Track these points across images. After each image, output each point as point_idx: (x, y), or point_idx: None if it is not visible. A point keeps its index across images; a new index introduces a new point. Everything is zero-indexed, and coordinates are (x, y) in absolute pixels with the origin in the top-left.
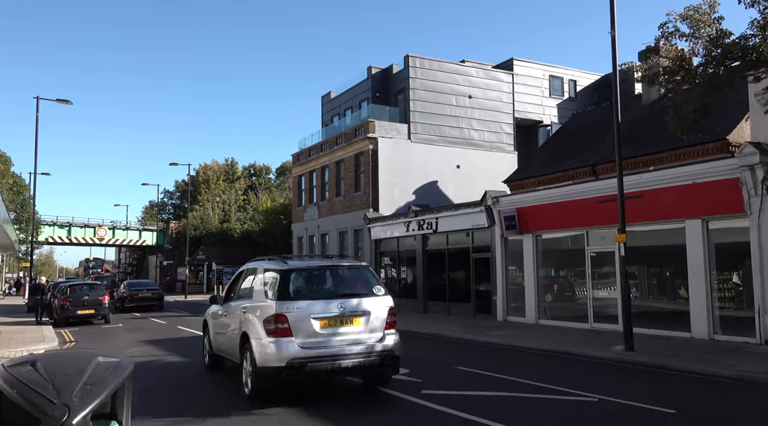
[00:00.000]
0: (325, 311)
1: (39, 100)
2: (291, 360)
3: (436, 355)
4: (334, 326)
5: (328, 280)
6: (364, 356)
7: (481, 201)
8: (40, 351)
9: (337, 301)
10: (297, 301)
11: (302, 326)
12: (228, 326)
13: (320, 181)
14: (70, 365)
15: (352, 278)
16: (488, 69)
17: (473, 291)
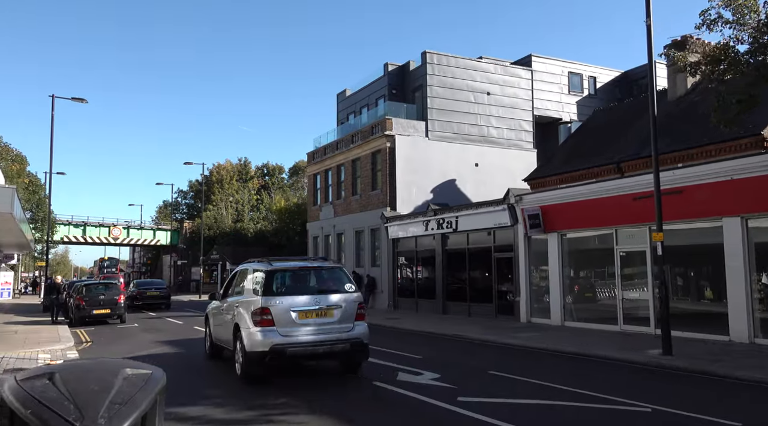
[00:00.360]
0: (303, 305)
1: (54, 98)
2: (273, 346)
3: (464, 359)
4: (311, 318)
5: (307, 279)
6: (336, 343)
7: (504, 199)
8: (56, 351)
9: (314, 297)
10: (279, 296)
11: (283, 317)
12: (224, 319)
13: (336, 180)
14: (94, 379)
15: (327, 277)
16: (507, 65)
17: (495, 291)
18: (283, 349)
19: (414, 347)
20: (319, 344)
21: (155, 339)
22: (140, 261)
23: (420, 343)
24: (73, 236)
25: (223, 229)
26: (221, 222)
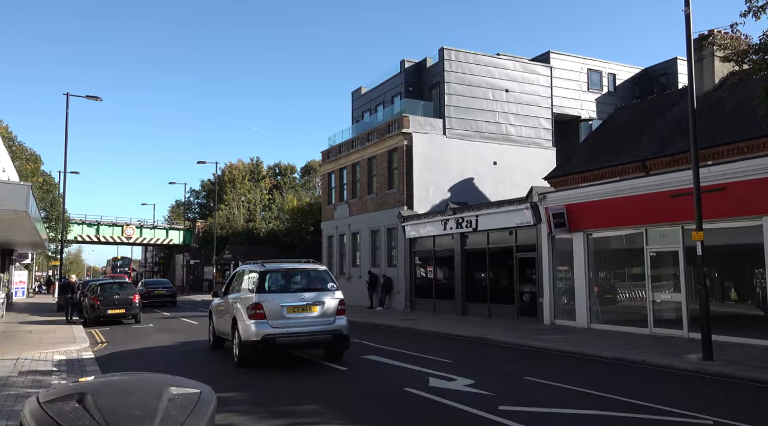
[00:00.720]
0: (291, 301)
1: (69, 96)
2: (265, 335)
3: (494, 362)
4: (297, 312)
5: (294, 279)
6: (318, 334)
7: (527, 197)
8: (72, 352)
9: (300, 294)
10: (271, 293)
11: (274, 312)
12: (225, 313)
13: (351, 179)
14: (135, 402)
15: (313, 278)
16: (525, 62)
17: (517, 292)
18: (273, 338)
19: (439, 350)
20: (303, 335)
21: (172, 340)
22: (152, 260)
23: (444, 345)
24: (86, 235)
25: (236, 228)
26: (233, 222)
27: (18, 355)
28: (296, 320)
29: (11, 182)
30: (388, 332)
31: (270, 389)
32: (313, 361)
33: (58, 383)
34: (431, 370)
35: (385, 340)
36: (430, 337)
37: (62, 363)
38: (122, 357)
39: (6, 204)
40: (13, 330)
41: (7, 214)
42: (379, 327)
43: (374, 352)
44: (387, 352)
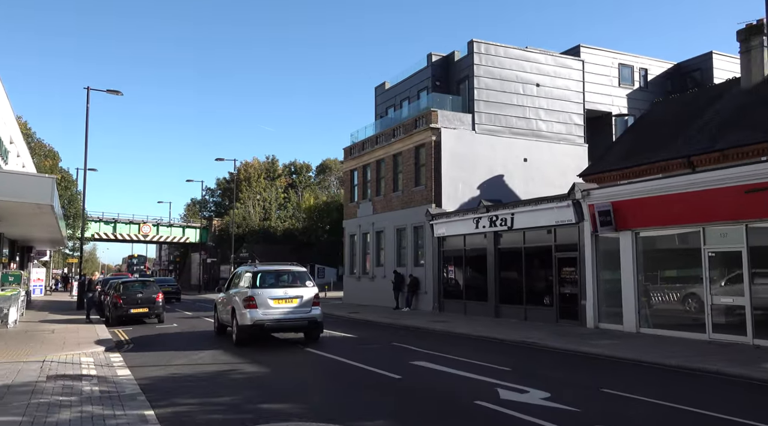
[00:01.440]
0: (276, 295)
1: (89, 90)
2: (256, 321)
3: (558, 371)
4: (282, 303)
5: (280, 277)
6: (297, 320)
7: (569, 194)
8: (98, 354)
9: (284, 289)
10: (261, 288)
11: (263, 303)
12: (226, 305)
13: (375, 176)
14: None
15: (295, 276)
16: (556, 56)
17: (556, 294)
18: (262, 323)
19: (487, 355)
20: (286, 321)
21: (200, 341)
22: (167, 259)
23: (489, 349)
24: (103, 233)
25: (252, 227)
26: (249, 220)
27: (43, 357)
28: (281, 309)
29: (35, 174)
30: (424, 335)
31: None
32: (361, 368)
33: (90, 390)
34: (493, 379)
35: (427, 344)
36: (470, 340)
37: (90, 365)
38: (150, 358)
39: (30, 197)
40: (34, 329)
41: (30, 208)
42: (412, 329)
43: (421, 357)
44: (435, 357)
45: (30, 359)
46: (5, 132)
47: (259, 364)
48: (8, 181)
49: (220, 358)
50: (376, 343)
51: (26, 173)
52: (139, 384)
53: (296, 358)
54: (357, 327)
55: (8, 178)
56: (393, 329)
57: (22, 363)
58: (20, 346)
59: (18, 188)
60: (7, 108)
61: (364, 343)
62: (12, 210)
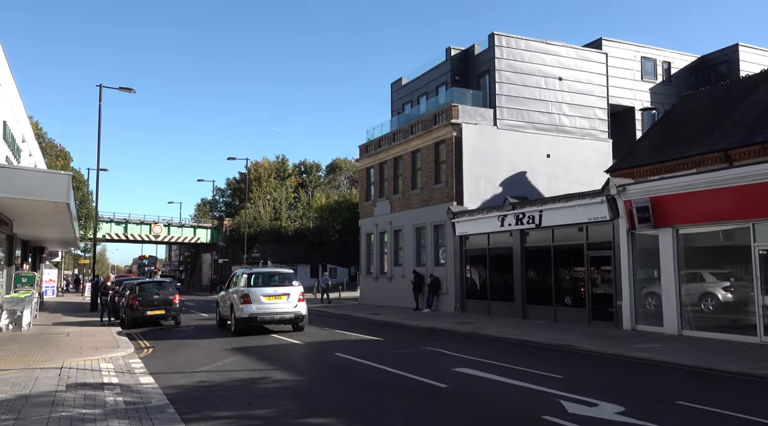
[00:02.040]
0: (267, 292)
1: (102, 88)
2: (250, 314)
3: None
4: (272, 300)
5: (270, 278)
6: (285, 314)
7: (602, 190)
8: (118, 359)
9: (274, 288)
10: (255, 287)
11: (256, 299)
12: (226, 301)
13: (393, 173)
14: None
15: (284, 277)
16: (579, 49)
17: (588, 295)
18: (255, 316)
19: (529, 360)
20: (275, 314)
21: (222, 346)
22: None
23: (527, 354)
24: (114, 234)
25: (263, 227)
26: (260, 220)
27: (61, 363)
28: (271, 305)
29: (50, 171)
30: (453, 338)
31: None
32: (400, 375)
33: (114, 402)
34: (549, 388)
35: (460, 348)
36: (504, 343)
37: (111, 372)
38: (172, 364)
39: (46, 195)
40: (49, 332)
41: (46, 206)
42: (438, 331)
43: (461, 363)
44: (476, 363)
45: (47, 365)
46: (18, 130)
47: (290, 371)
48: (22, 179)
49: (248, 364)
50: (406, 346)
51: (41, 170)
52: (166, 394)
53: (329, 365)
54: (380, 329)
55: (22, 176)
56: (418, 331)
57: (39, 369)
58: (36, 350)
59: (33, 186)
60: (20, 106)
61: (394, 347)
62: (26, 209)
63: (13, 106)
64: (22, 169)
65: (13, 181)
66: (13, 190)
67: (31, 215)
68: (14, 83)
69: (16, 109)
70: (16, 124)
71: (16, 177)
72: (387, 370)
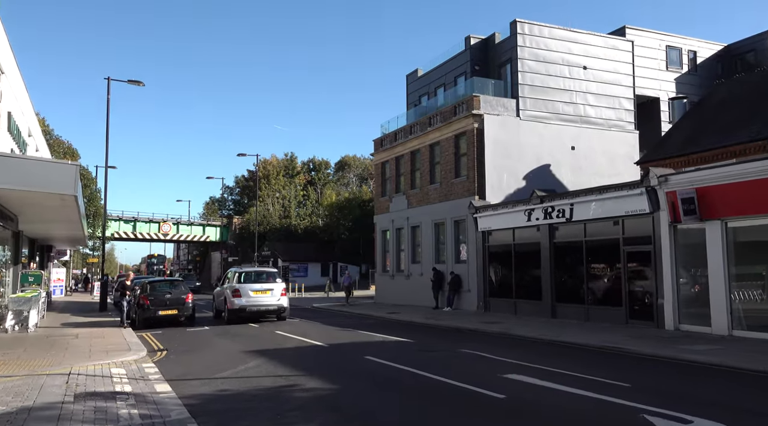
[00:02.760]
0: (255, 288)
1: (110, 81)
2: (240, 306)
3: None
4: (258, 294)
5: (258, 276)
6: (270, 306)
7: (642, 181)
8: (130, 364)
9: (260, 284)
10: (245, 283)
11: (246, 293)
12: (220, 295)
13: (409, 168)
14: None
15: (268, 275)
16: (604, 36)
17: (625, 292)
18: (244, 307)
19: (577, 364)
20: (262, 306)
21: (240, 348)
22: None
23: (574, 357)
24: (123, 232)
25: (273, 225)
26: (269, 218)
27: (69, 369)
28: (258, 298)
29: (56, 160)
30: (484, 339)
31: None
32: (446, 384)
33: (128, 415)
34: (626, 400)
35: (499, 351)
36: (540, 345)
37: (123, 379)
38: (189, 369)
39: (52, 186)
40: (57, 334)
41: (52, 200)
42: (465, 331)
43: (508, 368)
44: (524, 368)
45: (54, 371)
46: (23, 123)
47: (319, 377)
48: (26, 169)
49: (271, 370)
50: (438, 349)
51: (46, 159)
52: (186, 405)
53: (362, 370)
54: (404, 329)
55: (26, 166)
56: (444, 331)
57: (45, 376)
58: (42, 354)
59: (37, 177)
60: (26, 98)
61: (427, 350)
62: (31, 202)
63: (18, 97)
64: (26, 158)
65: (16, 171)
66: (16, 181)
67: (37, 210)
68: (20, 75)
69: (22, 101)
70: (22, 117)
71: (19, 167)
72: (430, 377)
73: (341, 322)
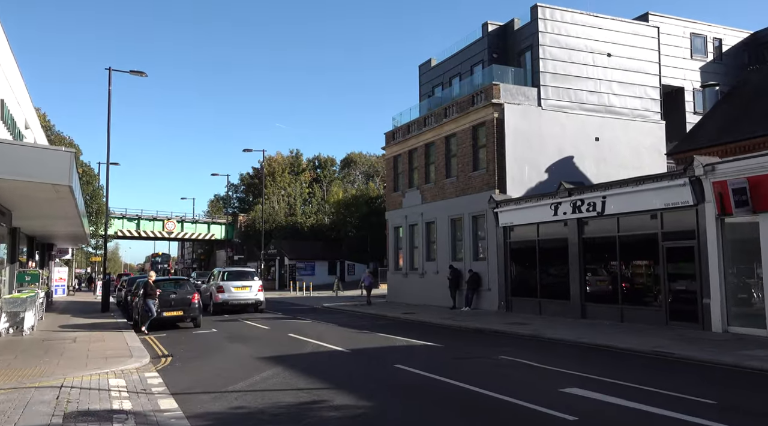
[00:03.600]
0: (236, 285)
1: (111, 71)
2: (224, 300)
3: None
4: (239, 290)
5: (238, 274)
6: (248, 300)
7: (686, 170)
8: (131, 374)
9: (240, 282)
10: (227, 281)
11: (228, 289)
12: (206, 292)
13: (423, 161)
14: None
15: (248, 274)
16: (629, 22)
17: (665, 291)
18: (227, 301)
19: (636, 374)
20: (242, 300)
21: (253, 354)
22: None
23: (631, 365)
24: (127, 230)
25: (279, 222)
26: (275, 215)
27: (61, 380)
28: (238, 293)
29: (49, 147)
30: (517, 343)
31: None
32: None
33: None
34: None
35: (540, 358)
36: (581, 349)
37: (122, 392)
38: (197, 379)
39: (43, 175)
40: (53, 337)
41: (45, 191)
42: (489, 334)
43: (564, 380)
44: (582, 380)
45: (44, 383)
46: (19, 114)
47: (348, 390)
48: (14, 155)
49: (291, 381)
50: (474, 355)
51: (37, 145)
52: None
53: (395, 382)
54: (426, 331)
55: (14, 152)
56: (470, 334)
57: (33, 389)
58: (34, 360)
59: (27, 165)
60: (22, 89)
61: (461, 357)
62: (23, 194)
63: (14, 87)
64: (12, 143)
65: (2, 157)
66: (3, 170)
67: (31, 203)
68: (16, 65)
69: (18, 91)
70: (18, 107)
71: (6, 153)
72: (478, 392)
73: (356, 323)
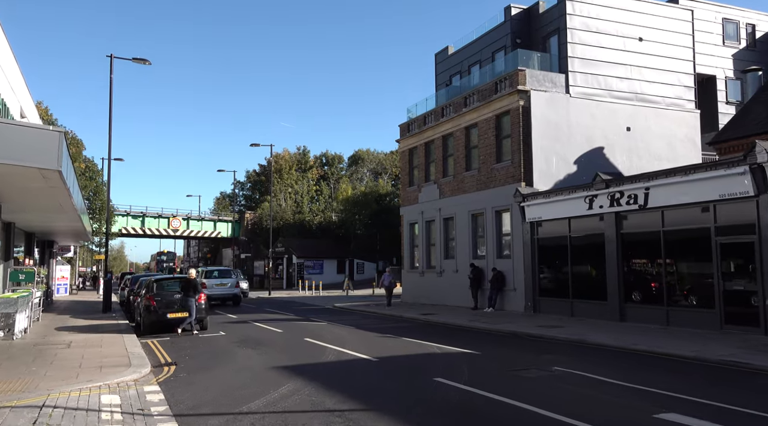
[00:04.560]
0: (216, 282)
1: (113, 58)
2: (207, 295)
3: None
4: (219, 286)
5: (219, 273)
6: (228, 295)
7: (746, 157)
8: (127, 387)
9: (220, 279)
10: (210, 278)
11: (210, 285)
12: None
13: (441, 154)
14: None
15: (227, 272)
16: (661, 4)
17: (718, 292)
18: (210, 296)
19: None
20: (222, 294)
21: (267, 362)
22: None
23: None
24: (131, 228)
25: (287, 220)
26: (282, 213)
27: (44, 397)
28: (219, 289)
29: (33, 124)
30: (563, 350)
31: None
32: None
33: None
34: None
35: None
36: (640, 357)
37: (115, 412)
38: (206, 394)
39: (29, 159)
40: (46, 342)
41: (32, 177)
42: (527, 338)
43: (649, 401)
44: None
45: (23, 401)
46: (13, 101)
47: (387, 413)
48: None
49: (315, 398)
50: (521, 365)
51: (18, 123)
52: None
53: (442, 401)
54: (455, 336)
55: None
56: (503, 338)
57: (8, 410)
58: (19, 370)
59: (8, 146)
60: (17, 75)
61: (510, 368)
62: (6, 181)
63: (6, 71)
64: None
65: None
66: None
67: (20, 192)
68: (10, 50)
69: (12, 77)
70: (12, 94)
71: None
72: (553, 419)
73: (375, 325)
